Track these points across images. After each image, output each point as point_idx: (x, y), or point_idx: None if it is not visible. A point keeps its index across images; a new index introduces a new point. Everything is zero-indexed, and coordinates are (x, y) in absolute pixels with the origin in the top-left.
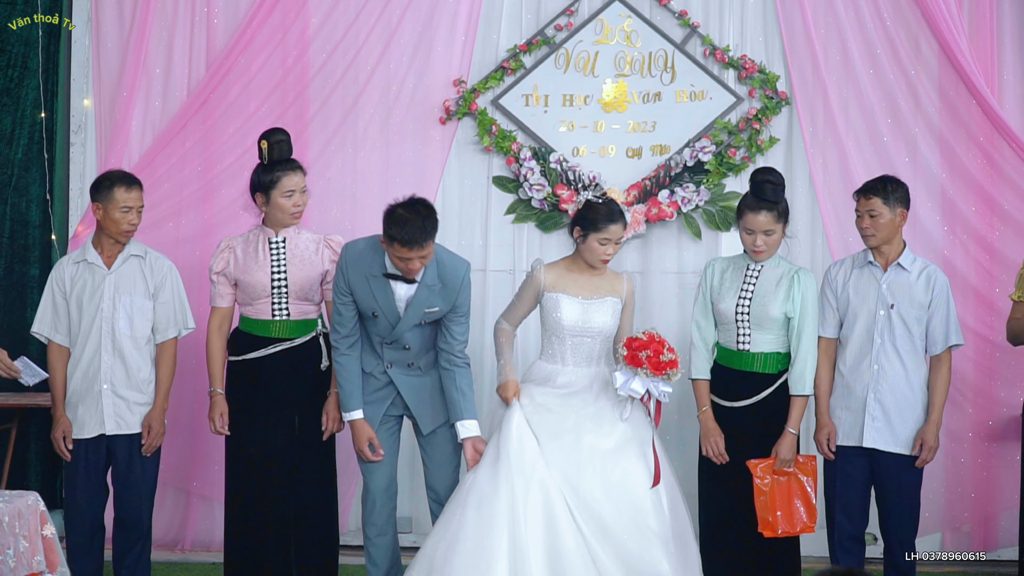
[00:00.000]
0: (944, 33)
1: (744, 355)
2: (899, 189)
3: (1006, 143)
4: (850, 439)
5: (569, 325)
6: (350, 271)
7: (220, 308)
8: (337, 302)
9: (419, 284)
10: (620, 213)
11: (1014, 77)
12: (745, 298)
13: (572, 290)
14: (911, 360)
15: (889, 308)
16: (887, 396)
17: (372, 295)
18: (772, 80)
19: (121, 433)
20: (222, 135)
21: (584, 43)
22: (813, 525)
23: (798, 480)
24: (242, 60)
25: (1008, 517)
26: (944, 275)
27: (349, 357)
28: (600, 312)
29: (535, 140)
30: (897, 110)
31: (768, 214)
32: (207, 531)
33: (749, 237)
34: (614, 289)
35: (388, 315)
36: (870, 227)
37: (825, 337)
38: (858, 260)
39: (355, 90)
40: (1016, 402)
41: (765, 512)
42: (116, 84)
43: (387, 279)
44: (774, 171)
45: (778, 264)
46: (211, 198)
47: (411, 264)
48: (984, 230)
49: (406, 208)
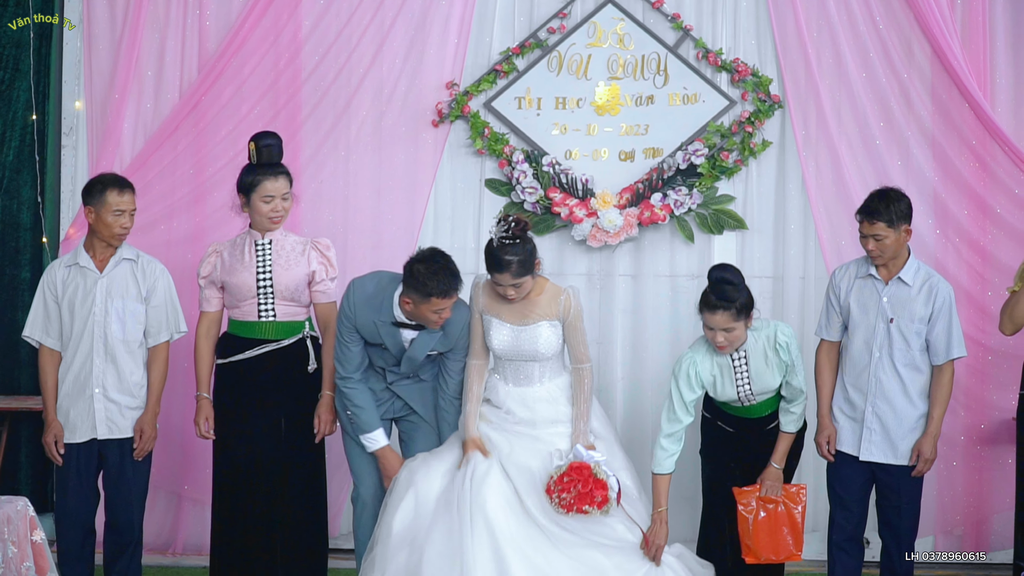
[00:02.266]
0: (937, 36)
1: (751, 408)
2: (901, 206)
3: (998, 146)
4: (849, 448)
5: (500, 350)
6: (358, 315)
7: (208, 312)
8: (344, 339)
9: (421, 331)
10: (508, 263)
11: (1006, 80)
12: (743, 385)
13: (505, 315)
14: (909, 373)
15: (888, 322)
16: (885, 410)
17: (379, 335)
18: (765, 83)
19: (113, 437)
20: (214, 138)
21: (577, 46)
22: (799, 553)
23: (785, 508)
24: (234, 62)
25: (1000, 520)
26: (948, 286)
27: (361, 384)
28: (531, 339)
29: (528, 143)
30: (890, 113)
31: (724, 314)
32: (198, 535)
33: (710, 333)
34: (549, 312)
35: (394, 351)
36: (876, 250)
37: (828, 340)
38: (861, 269)
39: (347, 93)
40: (1008, 406)
41: (747, 538)
42: (108, 86)
43: (395, 327)
44: (730, 268)
45: (756, 340)
46: (203, 201)
47: (443, 314)
48: (976, 234)
49: (428, 263)
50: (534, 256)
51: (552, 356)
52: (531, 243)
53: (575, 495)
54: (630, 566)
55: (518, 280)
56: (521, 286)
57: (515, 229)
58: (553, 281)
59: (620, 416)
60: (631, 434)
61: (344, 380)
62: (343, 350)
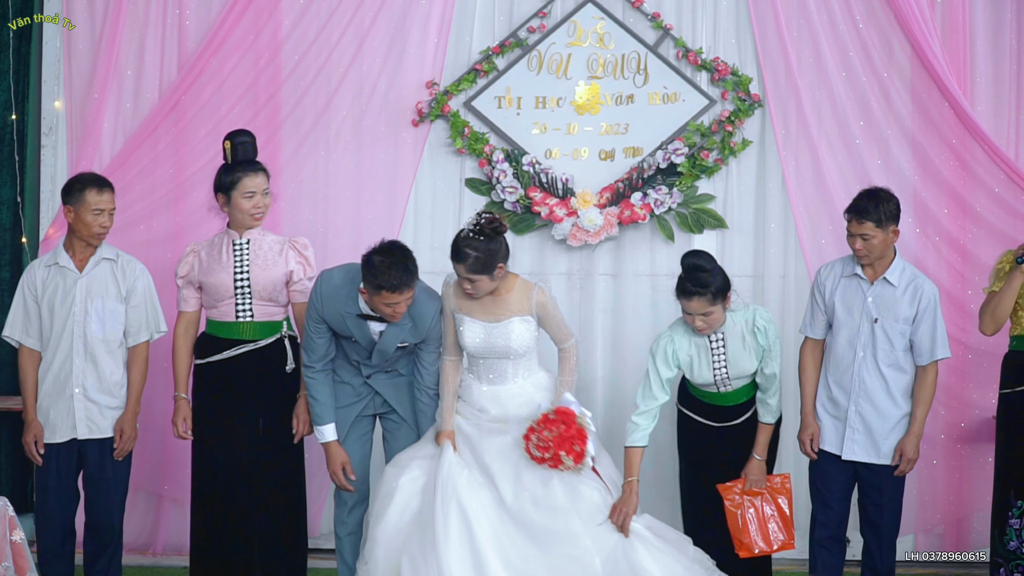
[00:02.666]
0: (916, 35)
1: (727, 395)
2: (890, 206)
3: (978, 145)
4: (832, 447)
5: (473, 348)
6: (325, 306)
7: (185, 312)
8: (311, 330)
9: (389, 323)
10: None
11: (986, 79)
12: (720, 367)
13: (476, 313)
14: (892, 373)
15: (873, 322)
16: (868, 410)
17: (347, 327)
18: (745, 82)
19: (93, 437)
20: (194, 137)
21: (557, 45)
22: (792, 541)
23: (772, 499)
24: (214, 62)
25: (980, 519)
26: (933, 287)
27: (322, 374)
28: (504, 336)
29: (508, 142)
30: (869, 112)
31: (700, 299)
32: (178, 535)
33: (688, 317)
34: (521, 308)
35: (364, 343)
36: (863, 249)
37: (812, 338)
38: (846, 268)
39: (327, 92)
40: (988, 404)
41: (738, 533)
42: (87, 86)
43: (362, 319)
44: (703, 254)
45: (734, 323)
46: (183, 201)
47: (397, 308)
48: (956, 233)
49: (384, 255)
50: (496, 258)
51: (525, 353)
52: (499, 245)
53: (556, 435)
54: (604, 538)
55: (473, 276)
56: (476, 283)
57: (484, 225)
58: (533, 280)
59: (600, 415)
60: (612, 433)
61: (307, 369)
62: (308, 340)
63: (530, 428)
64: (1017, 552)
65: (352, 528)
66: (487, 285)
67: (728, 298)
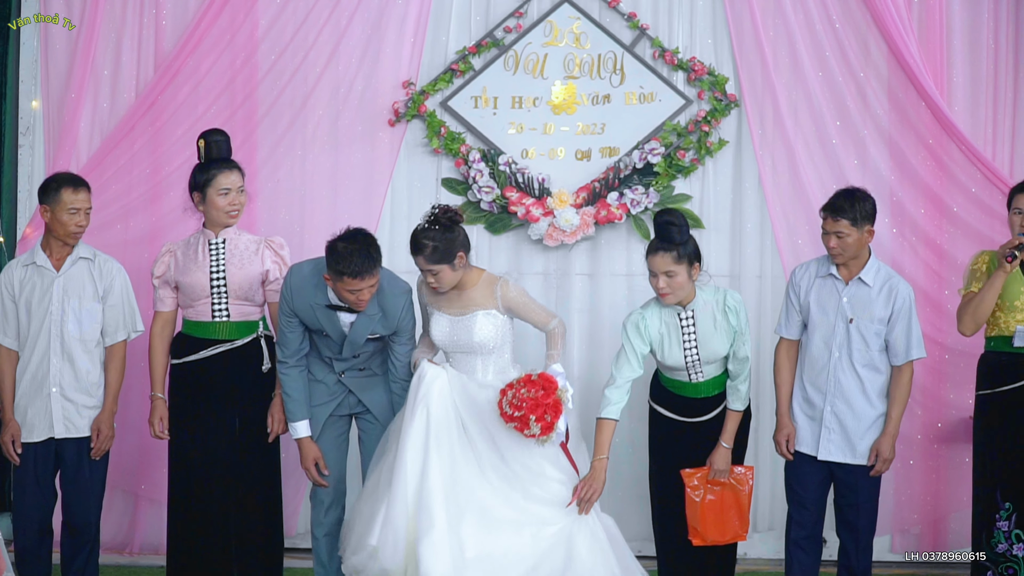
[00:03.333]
0: (893, 35)
1: (698, 385)
2: (866, 206)
3: (955, 145)
4: (808, 448)
5: (440, 341)
6: (295, 298)
7: (162, 312)
8: (283, 324)
9: (359, 313)
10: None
11: (963, 79)
12: (691, 347)
13: (444, 306)
14: (868, 373)
15: (848, 322)
16: (844, 410)
17: (318, 320)
18: (721, 82)
19: (70, 436)
20: (171, 137)
21: (533, 45)
22: (744, 533)
23: (732, 490)
24: (191, 61)
25: (957, 519)
26: (908, 287)
27: (296, 369)
28: (467, 329)
29: (484, 142)
30: (846, 112)
31: (666, 255)
32: (156, 534)
33: (653, 280)
34: (485, 302)
35: (335, 336)
36: (837, 247)
37: (788, 339)
38: (821, 269)
39: (304, 92)
40: (965, 405)
41: (694, 520)
42: (64, 85)
43: (331, 310)
44: (675, 212)
45: (705, 302)
46: (160, 200)
47: (361, 295)
48: (933, 233)
49: (348, 241)
50: (455, 247)
51: (493, 348)
52: (456, 234)
53: (532, 398)
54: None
55: (433, 266)
56: (439, 274)
57: (440, 216)
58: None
59: (576, 414)
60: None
61: (281, 364)
62: (281, 335)
63: (509, 384)
64: (1007, 554)
65: (328, 528)
66: (449, 276)
67: (696, 268)
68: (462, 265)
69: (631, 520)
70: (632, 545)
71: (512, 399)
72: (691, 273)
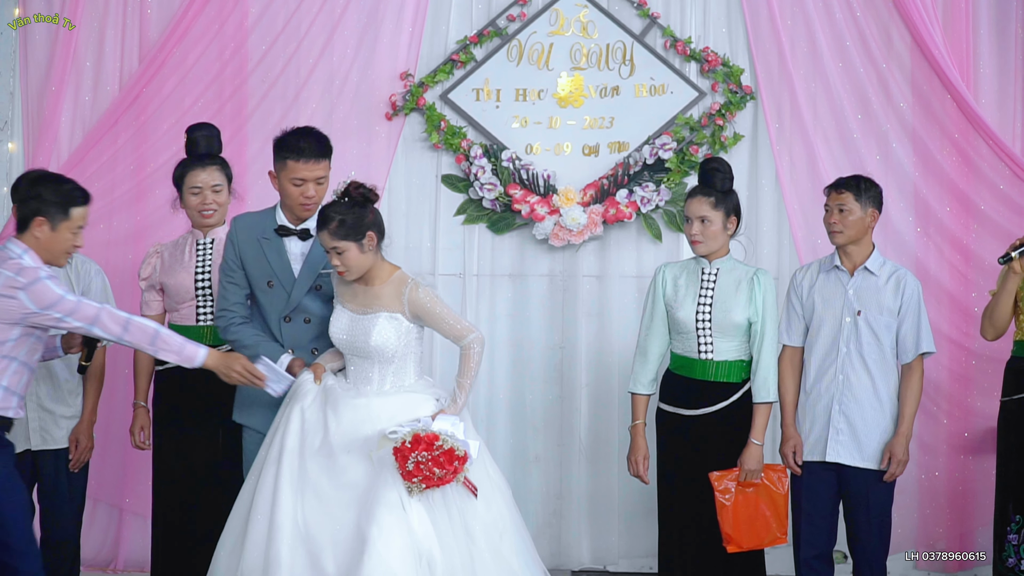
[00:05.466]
0: (917, 24)
1: (706, 364)
2: (872, 189)
3: (982, 140)
4: (815, 453)
5: (337, 340)
6: (240, 237)
7: (147, 316)
8: (224, 280)
9: (314, 240)
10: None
11: (990, 70)
12: (705, 304)
13: (348, 300)
14: (879, 369)
15: (856, 315)
16: (853, 408)
17: (265, 258)
18: (736, 73)
19: (47, 448)
20: (156, 131)
21: (538, 34)
22: (784, 536)
23: (767, 490)
24: (177, 52)
25: (985, 534)
26: (916, 279)
27: (246, 323)
28: (364, 330)
29: (486, 137)
30: (868, 105)
31: (704, 200)
32: (141, 550)
33: (688, 226)
34: (391, 303)
35: (283, 279)
36: (838, 223)
37: (790, 346)
38: (824, 264)
39: (296, 84)
40: (992, 413)
41: (728, 527)
42: (44, 78)
43: (280, 237)
44: (721, 160)
45: (734, 267)
46: (144, 198)
47: (307, 190)
48: (959, 232)
49: (295, 130)
50: (363, 225)
51: (393, 357)
52: (367, 212)
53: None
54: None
55: (337, 243)
56: (344, 254)
57: (351, 189)
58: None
59: (584, 427)
60: (596, 443)
61: (227, 324)
62: (222, 288)
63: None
64: (1016, 569)
65: None
66: (356, 258)
67: (733, 222)
68: (371, 248)
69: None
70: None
71: (414, 466)
72: (727, 225)
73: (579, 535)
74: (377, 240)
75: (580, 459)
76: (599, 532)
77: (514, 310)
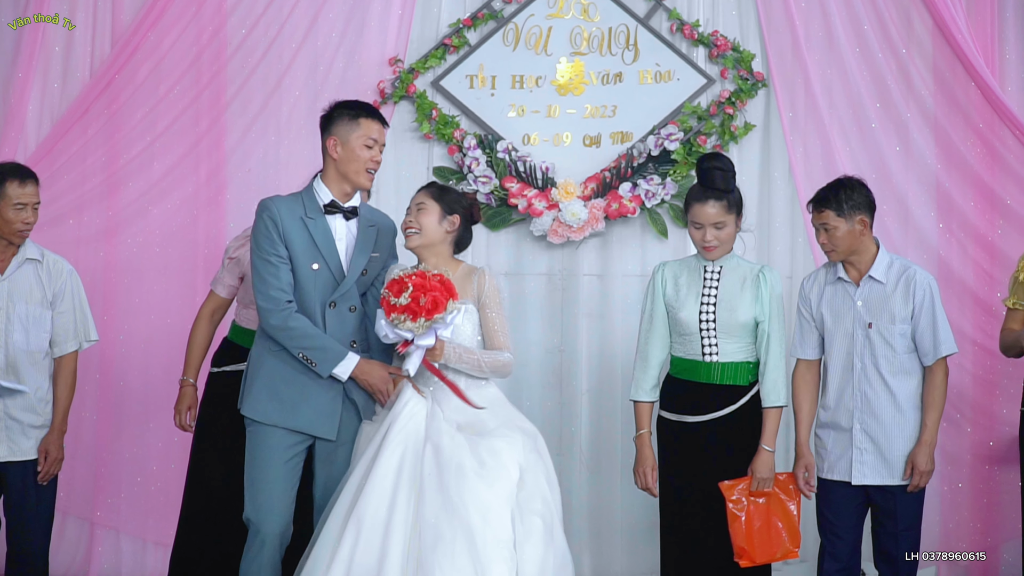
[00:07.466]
0: (939, 6)
1: (711, 366)
2: (854, 195)
3: (1008, 130)
4: (839, 473)
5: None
6: (284, 216)
7: (218, 295)
8: (270, 258)
9: (359, 222)
10: None
11: (1017, 56)
12: (708, 304)
13: None
14: (896, 380)
15: (867, 328)
16: (874, 426)
17: (312, 240)
18: (747, 59)
19: (14, 460)
20: (129, 121)
21: (536, 17)
22: (796, 550)
23: (779, 500)
24: (152, 36)
25: (1011, 548)
26: (927, 275)
27: (300, 318)
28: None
29: (480, 126)
30: (886, 93)
31: (717, 204)
32: (113, 565)
33: (698, 232)
34: (464, 289)
35: (331, 263)
36: (827, 243)
37: (805, 359)
38: (830, 275)
39: (279, 70)
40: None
41: (740, 539)
42: (10, 64)
43: (325, 217)
44: (723, 157)
45: (738, 264)
46: (116, 192)
47: (376, 153)
48: (984, 227)
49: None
50: (457, 204)
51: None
52: (465, 205)
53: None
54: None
55: (426, 199)
56: (424, 211)
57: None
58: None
59: (585, 436)
60: (598, 452)
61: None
62: (269, 268)
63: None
64: None
65: None
66: (432, 223)
67: (740, 220)
68: (449, 229)
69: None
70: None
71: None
72: (737, 224)
73: (580, 550)
74: (457, 231)
75: (581, 469)
76: (601, 547)
77: (510, 311)
